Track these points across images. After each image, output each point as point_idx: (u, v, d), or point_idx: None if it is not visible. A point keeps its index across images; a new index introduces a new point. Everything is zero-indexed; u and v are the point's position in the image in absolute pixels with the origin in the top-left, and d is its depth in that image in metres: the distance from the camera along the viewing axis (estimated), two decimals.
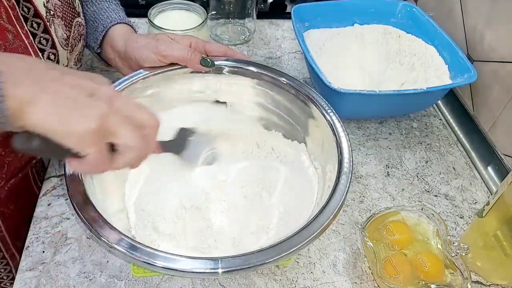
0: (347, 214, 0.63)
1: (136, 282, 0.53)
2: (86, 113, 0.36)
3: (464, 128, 0.78)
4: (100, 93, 0.38)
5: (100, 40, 0.65)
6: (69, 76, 0.38)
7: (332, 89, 0.64)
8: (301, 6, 0.82)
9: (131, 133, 0.38)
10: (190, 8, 0.79)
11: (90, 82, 0.39)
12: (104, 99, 0.38)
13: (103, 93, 0.38)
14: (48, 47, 0.55)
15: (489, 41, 0.74)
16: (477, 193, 0.68)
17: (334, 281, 0.55)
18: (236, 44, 0.92)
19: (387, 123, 0.78)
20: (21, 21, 0.52)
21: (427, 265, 0.52)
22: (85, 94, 0.37)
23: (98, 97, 0.37)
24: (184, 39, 0.61)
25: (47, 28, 0.55)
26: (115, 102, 0.38)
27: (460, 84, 0.71)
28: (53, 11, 0.55)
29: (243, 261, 0.42)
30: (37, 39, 0.54)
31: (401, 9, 0.85)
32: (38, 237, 0.56)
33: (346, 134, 0.55)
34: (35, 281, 0.52)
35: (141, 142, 0.39)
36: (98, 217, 0.44)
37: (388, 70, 0.78)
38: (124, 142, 0.39)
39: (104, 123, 0.36)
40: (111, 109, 0.37)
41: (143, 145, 0.40)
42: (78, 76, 0.39)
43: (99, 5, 0.67)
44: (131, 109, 0.39)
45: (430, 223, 0.56)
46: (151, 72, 0.60)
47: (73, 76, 0.38)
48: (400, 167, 0.71)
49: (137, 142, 0.39)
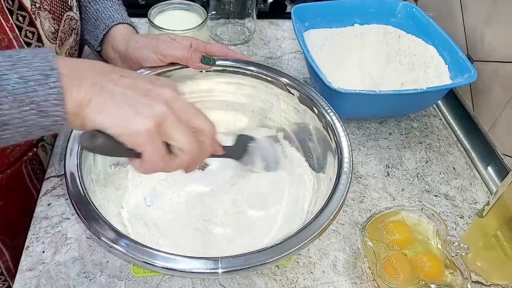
0: (347, 214, 0.63)
1: (136, 282, 0.53)
2: (142, 111, 0.37)
3: (464, 128, 0.78)
4: (158, 94, 0.39)
5: (100, 38, 0.65)
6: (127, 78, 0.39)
7: (332, 89, 0.64)
8: (301, 6, 0.82)
9: (186, 137, 0.39)
10: (190, 8, 0.79)
11: (149, 84, 0.40)
12: (162, 100, 0.38)
13: (161, 94, 0.39)
14: (34, 40, 0.55)
15: (489, 41, 0.74)
16: (477, 193, 0.68)
17: (334, 281, 0.55)
18: (236, 44, 0.92)
19: (387, 123, 0.78)
20: (6, 14, 0.51)
21: (427, 265, 0.52)
22: (142, 94, 0.38)
23: (155, 97, 0.38)
24: (184, 39, 0.61)
25: (32, 21, 0.54)
26: (173, 104, 0.39)
27: (460, 84, 0.71)
28: (39, 4, 0.55)
29: (243, 261, 0.42)
30: (23, 33, 0.54)
31: (401, 9, 0.85)
32: (38, 237, 0.56)
33: (346, 134, 0.55)
34: (35, 281, 0.52)
35: (195, 147, 0.40)
36: (98, 217, 0.44)
37: (388, 70, 0.78)
38: (179, 145, 0.39)
39: (160, 123, 0.37)
40: (168, 110, 0.38)
41: (197, 150, 0.40)
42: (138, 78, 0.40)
43: (102, 4, 0.67)
44: (189, 113, 0.40)
45: (430, 223, 0.56)
46: (151, 72, 0.60)
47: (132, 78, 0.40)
48: (400, 167, 0.71)
49: (192, 147, 0.40)
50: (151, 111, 0.37)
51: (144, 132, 0.37)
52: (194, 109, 0.41)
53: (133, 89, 0.39)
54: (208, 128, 0.41)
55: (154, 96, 0.39)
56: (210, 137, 0.41)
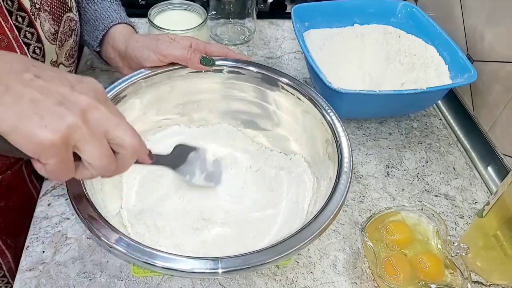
0: (347, 214, 0.63)
1: (136, 282, 0.53)
2: (49, 122, 0.33)
3: (464, 128, 0.78)
4: (74, 102, 0.35)
5: (100, 38, 0.65)
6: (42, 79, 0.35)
7: (332, 89, 0.64)
8: (301, 6, 0.82)
9: (97, 153, 0.36)
10: (190, 8, 0.79)
11: (67, 88, 0.35)
12: (77, 110, 0.34)
13: (78, 102, 0.35)
14: (33, 41, 0.55)
15: (489, 41, 0.74)
16: (477, 193, 0.68)
17: (334, 281, 0.55)
18: (236, 44, 0.92)
19: (387, 123, 0.78)
20: (5, 15, 0.51)
21: (427, 265, 0.52)
22: (54, 101, 0.34)
23: (70, 106, 0.34)
24: (184, 39, 0.61)
25: (32, 22, 0.54)
26: (90, 114, 0.35)
27: (460, 84, 0.71)
28: (39, 5, 0.55)
29: (243, 261, 0.42)
30: (22, 33, 0.53)
31: (401, 9, 0.85)
32: (38, 237, 0.56)
33: (346, 134, 0.55)
34: (35, 281, 0.52)
35: (106, 162, 0.37)
36: (98, 217, 0.44)
37: (388, 70, 0.78)
38: (88, 159, 0.36)
39: (67, 136, 0.34)
40: (81, 121, 0.34)
41: (109, 164, 0.37)
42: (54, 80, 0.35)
43: (100, 4, 0.67)
44: (107, 124, 0.36)
45: (430, 223, 0.56)
46: (151, 72, 0.60)
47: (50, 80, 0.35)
48: (400, 167, 0.71)
49: (102, 162, 0.36)
50: (59, 123, 0.33)
51: (48, 147, 0.33)
52: (116, 119, 0.37)
53: (45, 94, 0.34)
54: (128, 140, 0.37)
55: (68, 105, 0.34)
56: (131, 149, 0.38)
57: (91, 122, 0.35)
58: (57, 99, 0.34)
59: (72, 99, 0.35)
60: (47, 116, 0.33)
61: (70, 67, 0.65)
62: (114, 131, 0.36)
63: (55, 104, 0.34)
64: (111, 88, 0.57)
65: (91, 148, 0.35)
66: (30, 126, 0.33)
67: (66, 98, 0.35)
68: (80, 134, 0.34)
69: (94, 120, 0.35)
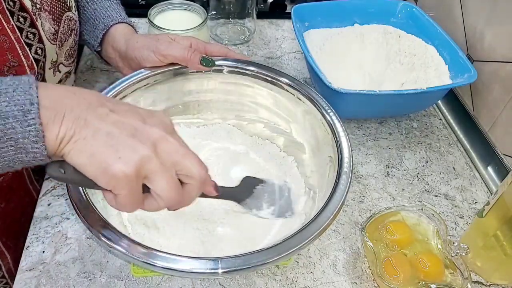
0: (347, 214, 0.63)
1: (136, 282, 0.53)
2: (124, 155, 0.35)
3: (464, 128, 0.78)
4: (146, 134, 0.36)
5: (100, 38, 0.65)
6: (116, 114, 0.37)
7: (332, 89, 0.64)
8: (301, 6, 0.82)
9: (166, 184, 0.37)
10: (190, 8, 0.79)
11: (139, 121, 0.37)
12: (149, 142, 0.36)
13: (149, 135, 0.36)
14: (35, 42, 0.55)
15: (489, 41, 0.74)
16: (477, 193, 0.68)
17: (334, 281, 0.55)
18: (236, 44, 0.92)
19: (387, 123, 0.78)
20: (7, 16, 0.51)
21: (427, 265, 0.52)
22: (127, 134, 0.36)
23: (142, 138, 0.36)
24: (184, 39, 0.61)
25: (33, 22, 0.54)
26: (161, 146, 0.37)
27: (460, 84, 0.71)
28: (40, 5, 0.55)
29: (243, 261, 0.42)
30: (24, 34, 0.53)
31: (401, 9, 0.85)
32: (38, 237, 0.56)
33: (346, 134, 0.55)
34: (35, 281, 0.52)
35: (175, 194, 0.38)
36: (98, 217, 0.44)
37: (388, 70, 0.78)
38: (157, 191, 0.37)
39: (140, 168, 0.35)
40: (153, 153, 0.36)
41: (177, 196, 0.38)
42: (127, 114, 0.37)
43: (100, 3, 0.67)
44: (177, 156, 0.37)
45: (430, 223, 0.56)
46: (151, 72, 0.60)
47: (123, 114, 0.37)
48: (400, 167, 0.71)
49: (170, 194, 0.37)
50: (133, 156, 0.35)
51: (122, 178, 0.35)
52: (184, 150, 0.38)
53: (120, 128, 0.36)
54: (196, 172, 0.38)
55: (141, 138, 0.36)
56: (198, 180, 0.39)
57: (162, 154, 0.36)
58: (130, 132, 0.36)
59: (144, 132, 0.36)
60: (121, 148, 0.35)
61: (69, 67, 0.65)
62: (182, 162, 0.37)
63: (129, 137, 0.36)
64: (111, 88, 0.57)
65: (161, 180, 0.36)
66: (106, 158, 0.34)
67: (138, 131, 0.36)
68: (151, 165, 0.36)
69: (164, 152, 0.37)
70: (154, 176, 0.36)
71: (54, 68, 0.60)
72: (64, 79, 0.65)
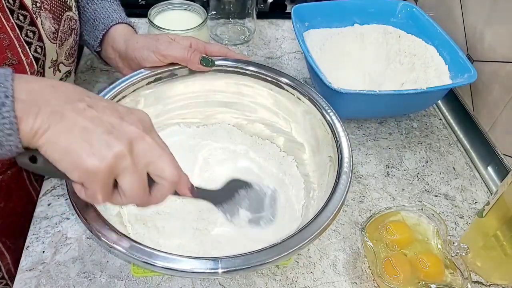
0: (347, 214, 0.63)
1: (136, 282, 0.53)
2: (98, 150, 0.35)
3: (464, 128, 0.78)
4: (123, 132, 0.36)
5: (100, 38, 0.65)
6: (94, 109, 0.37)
7: (332, 89, 0.64)
8: (301, 6, 0.82)
9: (134, 184, 0.37)
10: (190, 8, 0.79)
11: (116, 118, 0.37)
12: (125, 139, 0.36)
13: (126, 132, 0.37)
14: (35, 40, 0.55)
15: (489, 41, 0.74)
16: (477, 193, 0.68)
17: (334, 281, 0.55)
18: (236, 44, 0.92)
19: (387, 123, 0.78)
20: (6, 14, 0.51)
21: (427, 265, 0.52)
22: (103, 130, 0.36)
23: (118, 135, 0.36)
24: (184, 39, 0.61)
25: (33, 20, 0.54)
26: (137, 145, 0.37)
27: (460, 84, 0.71)
28: (40, 3, 0.55)
29: (243, 261, 0.42)
30: (23, 32, 0.53)
31: (401, 9, 0.85)
32: (38, 237, 0.56)
33: (346, 134, 0.55)
34: (35, 281, 0.52)
35: (140, 195, 0.38)
36: (98, 217, 0.44)
37: (388, 70, 0.78)
38: (124, 188, 0.37)
39: (113, 164, 0.35)
40: (128, 151, 0.36)
41: (142, 197, 0.38)
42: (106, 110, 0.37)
43: (100, 4, 0.67)
44: (152, 156, 0.37)
45: (430, 223, 0.56)
46: (151, 72, 0.60)
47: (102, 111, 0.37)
48: (400, 167, 0.71)
49: (135, 194, 0.38)
50: (107, 152, 0.35)
51: (94, 173, 0.35)
52: (160, 150, 0.38)
53: (96, 124, 0.36)
54: (169, 173, 0.38)
55: (117, 134, 0.36)
56: (169, 182, 0.39)
57: (136, 153, 0.37)
58: (106, 128, 0.36)
59: (121, 129, 0.37)
60: (96, 144, 0.35)
61: (69, 67, 0.65)
62: (156, 163, 0.38)
63: (105, 133, 0.36)
64: (111, 88, 0.57)
65: (130, 179, 0.37)
66: (79, 153, 0.35)
67: (115, 128, 0.36)
68: (124, 163, 0.36)
69: (139, 151, 0.37)
70: (123, 174, 0.36)
71: (54, 67, 0.60)
72: (64, 78, 0.65)
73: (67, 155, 0.35)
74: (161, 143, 0.39)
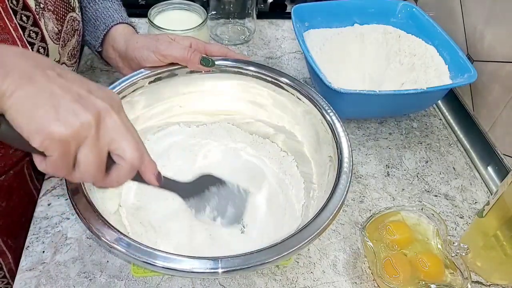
0: (347, 214, 0.63)
1: (136, 282, 0.53)
2: (64, 117, 0.34)
3: (464, 128, 0.78)
4: (91, 103, 0.36)
5: (101, 38, 0.65)
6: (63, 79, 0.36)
7: (332, 89, 0.64)
8: (301, 6, 0.82)
9: (91, 157, 0.36)
10: (190, 8, 0.79)
11: (84, 90, 0.36)
12: (92, 111, 0.35)
13: (94, 105, 0.36)
14: (37, 41, 0.55)
15: (489, 41, 0.74)
16: (477, 193, 0.68)
17: (334, 281, 0.55)
18: (236, 44, 0.92)
19: (387, 123, 0.78)
20: (10, 14, 0.51)
21: (427, 265, 0.52)
22: (71, 99, 0.35)
23: (86, 106, 0.35)
24: (184, 39, 0.61)
25: (36, 21, 0.54)
26: (103, 119, 0.36)
27: (460, 84, 0.71)
28: (43, 4, 0.55)
29: (243, 261, 0.42)
30: (26, 33, 0.53)
31: (401, 9, 0.85)
32: (38, 237, 0.56)
33: (346, 134, 0.55)
34: (35, 281, 0.52)
35: (94, 171, 0.37)
36: (98, 217, 0.44)
37: (388, 70, 0.78)
38: (80, 159, 0.36)
39: (78, 134, 0.34)
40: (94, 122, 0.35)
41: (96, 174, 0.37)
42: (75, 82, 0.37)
43: (101, 4, 0.67)
44: (116, 134, 0.37)
45: (430, 223, 0.56)
46: (151, 72, 0.60)
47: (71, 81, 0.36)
48: (400, 167, 0.71)
49: (90, 169, 0.36)
50: (74, 119, 0.34)
51: (57, 140, 0.34)
52: (124, 130, 0.37)
53: (65, 91, 0.35)
54: (129, 155, 0.37)
55: (86, 104, 0.35)
56: (128, 164, 0.38)
57: (102, 127, 0.36)
58: (74, 97, 0.35)
59: (89, 100, 0.36)
60: (63, 111, 0.34)
61: (72, 67, 0.65)
62: (119, 141, 0.37)
63: (72, 101, 0.35)
64: (111, 88, 0.57)
65: (88, 152, 0.36)
66: (44, 117, 0.33)
67: (83, 98, 0.36)
68: (88, 134, 0.35)
69: (105, 126, 0.36)
70: (84, 145, 0.35)
71: None
72: None
73: (32, 119, 0.34)
74: (129, 125, 0.38)
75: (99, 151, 0.36)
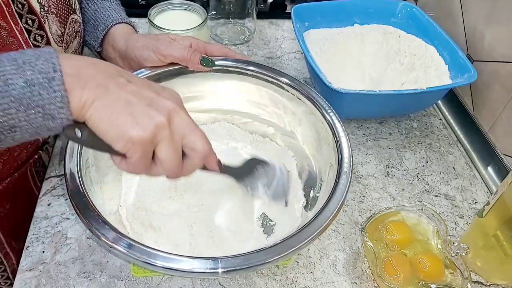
0: (347, 214, 0.63)
1: (136, 282, 0.53)
2: (141, 121, 0.37)
3: (464, 128, 0.78)
4: (161, 105, 0.39)
5: (101, 39, 0.65)
6: (134, 84, 0.39)
7: (332, 89, 0.64)
8: (301, 6, 0.82)
9: (171, 153, 0.39)
10: (190, 8, 0.79)
11: (154, 93, 0.40)
12: (164, 111, 0.39)
13: (164, 105, 0.39)
14: (43, 44, 0.55)
15: (489, 41, 0.74)
16: (477, 193, 0.68)
17: (334, 281, 0.55)
18: (236, 44, 0.92)
19: (387, 123, 0.78)
20: (15, 18, 0.51)
21: (427, 265, 0.52)
22: (145, 103, 0.38)
23: (158, 108, 0.39)
24: (184, 39, 0.61)
25: (41, 24, 0.55)
26: (174, 118, 0.39)
27: (460, 84, 0.71)
28: (47, 7, 0.55)
29: (243, 261, 0.42)
30: (32, 36, 0.54)
31: (401, 9, 0.85)
32: (38, 237, 0.56)
33: (346, 134, 0.55)
34: (35, 281, 0.52)
35: (176, 164, 0.40)
36: (98, 217, 0.44)
37: (388, 70, 0.78)
38: (160, 158, 0.40)
39: (154, 134, 0.38)
40: (166, 122, 0.38)
41: (177, 167, 0.41)
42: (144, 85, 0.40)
43: (100, 4, 0.67)
44: (185, 129, 0.40)
45: (430, 223, 0.56)
46: (151, 72, 0.60)
47: (140, 85, 0.40)
48: (400, 167, 0.71)
49: (171, 164, 0.40)
50: (150, 122, 0.38)
51: (137, 142, 0.37)
52: (193, 125, 0.41)
53: (138, 97, 0.39)
54: (200, 146, 0.41)
55: (157, 107, 0.39)
56: (201, 154, 0.42)
57: (174, 125, 0.39)
58: (147, 101, 0.39)
59: (159, 103, 0.39)
60: (139, 116, 0.38)
61: None
62: (190, 136, 0.40)
63: (146, 106, 0.38)
64: None
65: (167, 148, 0.39)
66: (125, 124, 0.37)
67: (154, 101, 0.39)
68: (164, 133, 0.39)
69: (176, 123, 0.40)
70: (162, 144, 0.39)
71: None
72: None
73: (113, 126, 0.37)
74: (192, 119, 0.42)
75: (175, 147, 0.40)
